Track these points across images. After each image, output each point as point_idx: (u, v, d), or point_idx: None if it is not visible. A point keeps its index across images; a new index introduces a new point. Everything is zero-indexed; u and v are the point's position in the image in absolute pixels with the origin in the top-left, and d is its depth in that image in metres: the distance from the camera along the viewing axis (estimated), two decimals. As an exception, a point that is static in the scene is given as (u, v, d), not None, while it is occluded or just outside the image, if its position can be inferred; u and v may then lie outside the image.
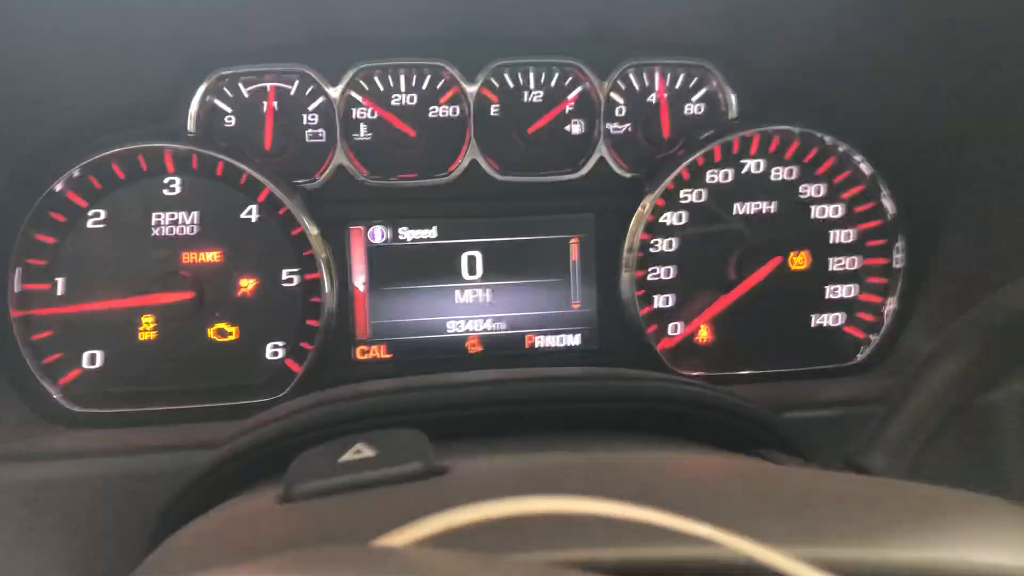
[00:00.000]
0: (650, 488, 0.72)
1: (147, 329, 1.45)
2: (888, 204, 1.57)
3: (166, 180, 1.46)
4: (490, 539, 0.56)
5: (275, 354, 1.49)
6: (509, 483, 0.74)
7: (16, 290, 1.42)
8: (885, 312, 1.60)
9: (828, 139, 1.55)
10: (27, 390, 1.42)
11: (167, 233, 1.46)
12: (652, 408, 1.04)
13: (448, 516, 0.57)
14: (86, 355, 1.45)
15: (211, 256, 1.47)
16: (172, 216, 1.46)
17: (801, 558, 0.53)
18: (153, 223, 1.45)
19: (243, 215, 1.48)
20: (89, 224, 1.44)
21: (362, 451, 0.79)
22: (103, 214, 1.44)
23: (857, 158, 1.56)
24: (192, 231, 1.46)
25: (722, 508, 0.65)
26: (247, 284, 1.48)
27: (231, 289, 1.47)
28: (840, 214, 1.59)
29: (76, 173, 1.42)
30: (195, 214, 1.46)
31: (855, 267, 1.60)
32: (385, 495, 0.71)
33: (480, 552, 0.52)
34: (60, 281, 1.43)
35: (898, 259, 1.58)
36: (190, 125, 1.47)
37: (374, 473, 0.74)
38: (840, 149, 1.56)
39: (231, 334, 1.48)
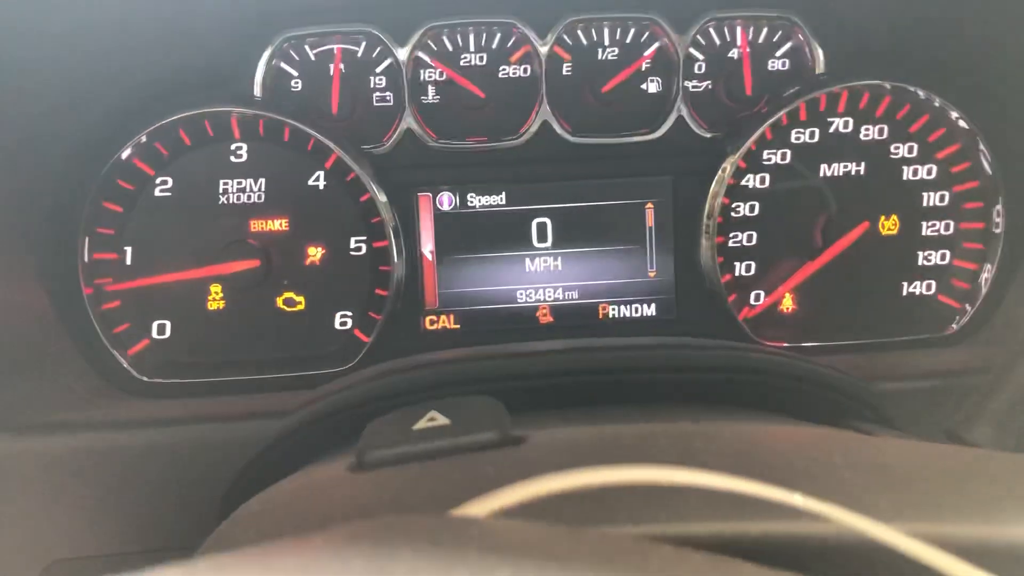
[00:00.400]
0: (747, 460, 0.68)
1: (215, 298, 1.44)
2: (987, 164, 1.48)
3: (233, 146, 1.44)
4: (574, 511, 0.53)
5: (344, 324, 1.47)
6: (592, 454, 0.70)
7: (86, 260, 1.41)
8: (982, 280, 1.51)
9: (922, 94, 1.45)
10: (98, 360, 1.42)
11: (234, 201, 1.44)
12: (734, 379, 0.99)
13: (531, 486, 0.53)
14: (155, 325, 1.44)
15: (278, 224, 1.44)
16: (239, 183, 1.44)
17: (913, 534, 0.49)
18: (220, 191, 1.43)
19: (310, 182, 1.45)
20: (156, 192, 1.43)
21: (436, 419, 0.76)
22: (170, 182, 1.43)
23: (954, 115, 1.46)
24: (259, 198, 1.44)
25: (826, 482, 0.61)
26: (315, 252, 1.45)
27: (299, 257, 1.45)
28: (934, 175, 1.49)
29: (143, 139, 1.40)
30: (262, 181, 1.44)
31: (950, 232, 1.51)
32: (460, 464, 0.68)
33: (565, 525, 0.48)
34: (128, 250, 1.43)
35: (997, 223, 1.49)
36: (256, 89, 1.44)
37: (449, 441, 0.71)
38: (935, 104, 1.46)
39: (299, 303, 1.45)
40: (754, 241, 1.50)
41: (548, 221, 1.51)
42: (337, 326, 1.47)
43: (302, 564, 0.41)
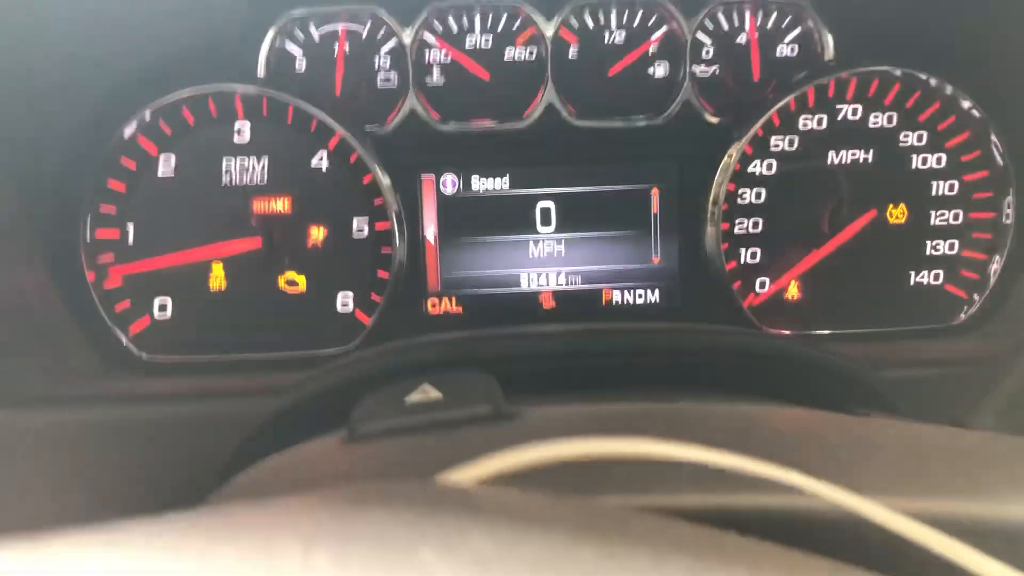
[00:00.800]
0: (741, 438, 0.67)
1: (217, 278, 1.43)
2: (997, 153, 1.46)
3: (236, 126, 1.43)
4: (564, 482, 0.52)
5: (345, 305, 1.46)
6: (585, 429, 0.69)
7: (88, 238, 1.41)
8: (991, 270, 1.49)
9: (933, 81, 1.44)
10: (98, 337, 1.41)
11: (237, 181, 1.43)
12: (735, 365, 0.98)
13: (516, 454, 0.53)
14: (156, 303, 1.44)
15: (281, 204, 1.44)
16: (242, 163, 1.43)
17: (908, 512, 0.49)
18: (223, 170, 1.43)
19: (313, 162, 1.44)
20: (159, 171, 1.42)
21: (428, 392, 0.76)
22: (173, 160, 1.42)
23: (964, 103, 1.44)
24: (262, 179, 1.44)
25: (820, 459, 0.60)
26: (317, 233, 1.44)
27: (301, 238, 1.44)
28: (943, 164, 1.47)
29: (147, 118, 1.40)
30: (265, 161, 1.43)
31: (958, 221, 1.49)
32: (451, 436, 0.68)
33: (551, 494, 0.47)
34: (131, 229, 1.42)
35: (1007, 214, 1.47)
36: (260, 69, 1.44)
37: (441, 414, 0.72)
38: (946, 92, 1.44)
39: (300, 284, 1.45)
40: (760, 228, 1.49)
41: (552, 205, 1.50)
42: (339, 308, 1.46)
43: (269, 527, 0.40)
